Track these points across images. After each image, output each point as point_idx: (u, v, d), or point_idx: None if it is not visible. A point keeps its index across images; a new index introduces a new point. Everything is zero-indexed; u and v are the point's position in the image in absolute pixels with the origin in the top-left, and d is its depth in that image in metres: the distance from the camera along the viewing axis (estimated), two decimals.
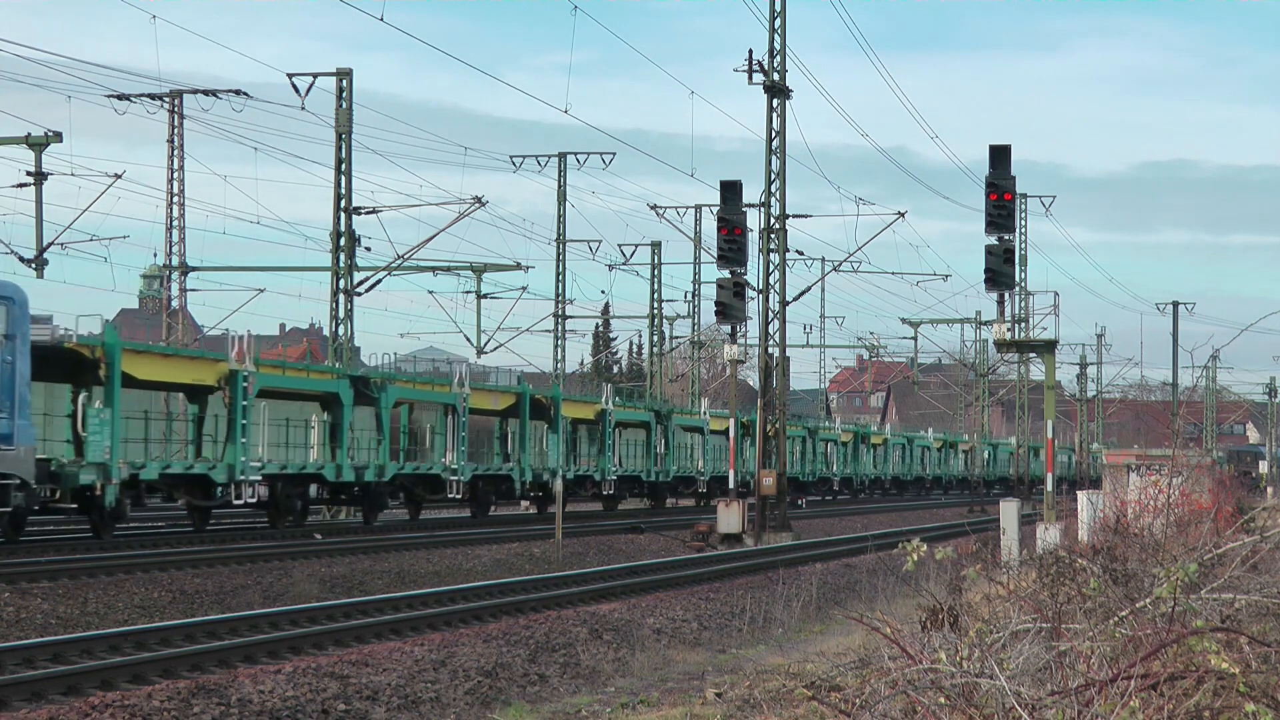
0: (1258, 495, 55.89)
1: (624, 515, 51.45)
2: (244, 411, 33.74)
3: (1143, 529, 17.76)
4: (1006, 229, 34.19)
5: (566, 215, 67.56)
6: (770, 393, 44.97)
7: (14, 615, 21.05)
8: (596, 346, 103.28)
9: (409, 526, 41.51)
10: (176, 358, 35.27)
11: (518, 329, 63.79)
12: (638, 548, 38.68)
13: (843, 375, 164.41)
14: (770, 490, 42.90)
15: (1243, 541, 12.58)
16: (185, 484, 33.50)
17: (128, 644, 17.94)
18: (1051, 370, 37.09)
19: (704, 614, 23.75)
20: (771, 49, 43.19)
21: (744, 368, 73.12)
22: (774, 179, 44.27)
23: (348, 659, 17.18)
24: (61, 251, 46.33)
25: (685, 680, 16.46)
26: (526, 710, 14.99)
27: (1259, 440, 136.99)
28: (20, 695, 14.66)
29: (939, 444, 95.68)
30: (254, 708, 14.50)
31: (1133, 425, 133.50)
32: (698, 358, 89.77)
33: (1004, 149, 34.49)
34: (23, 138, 41.23)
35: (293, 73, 46.71)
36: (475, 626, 20.87)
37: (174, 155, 55.77)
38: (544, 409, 48.94)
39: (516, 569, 31.56)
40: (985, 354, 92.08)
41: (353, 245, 48.43)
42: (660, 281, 75.71)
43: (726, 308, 41.81)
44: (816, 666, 14.65)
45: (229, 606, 23.38)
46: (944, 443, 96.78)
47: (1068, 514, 34.20)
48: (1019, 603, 11.15)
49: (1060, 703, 8.15)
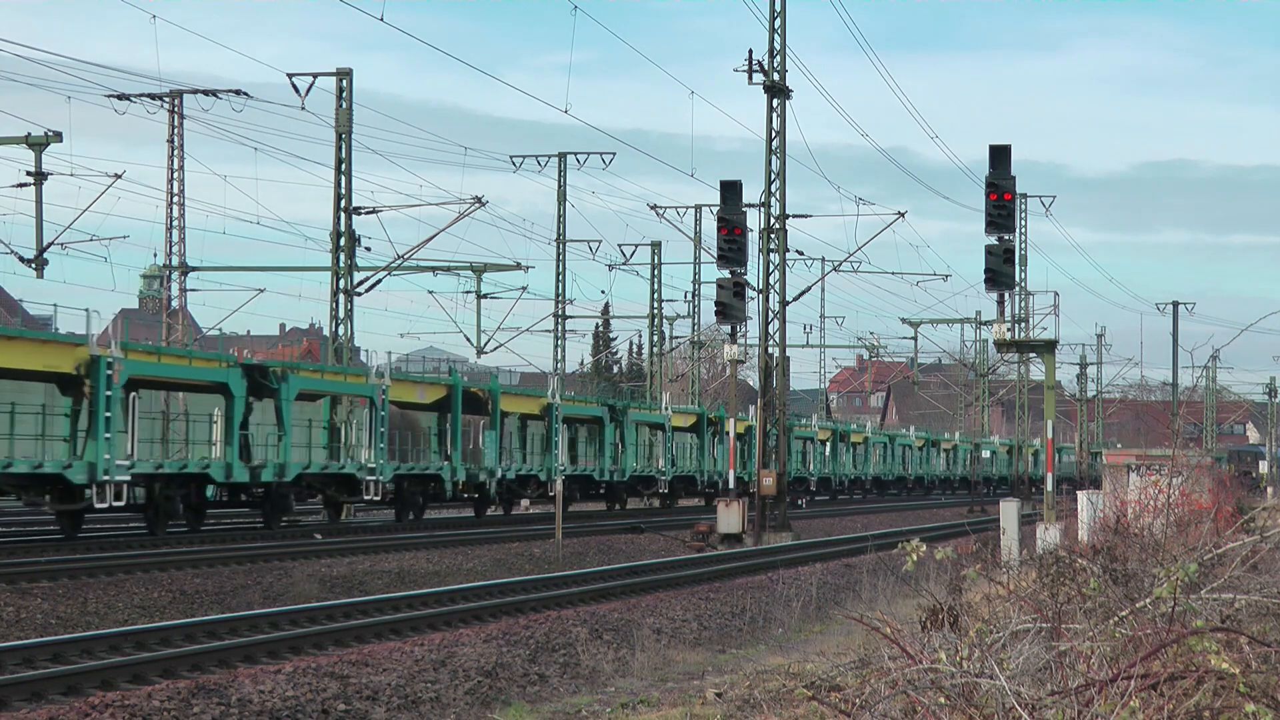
0: (1258, 495, 55.91)
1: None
2: (108, 403, 30.30)
3: (1143, 529, 17.75)
4: (1006, 229, 34.19)
5: (566, 215, 67.60)
6: (770, 393, 44.97)
7: (14, 615, 21.05)
8: (596, 346, 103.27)
9: (409, 527, 41.49)
10: (22, 340, 30.87)
11: (518, 329, 63.77)
12: (638, 548, 38.69)
13: (843, 375, 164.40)
14: (770, 490, 42.89)
15: (1243, 541, 12.58)
16: (35, 485, 30.31)
17: (128, 644, 17.94)
18: (1051, 370, 37.09)
19: (704, 614, 23.75)
20: (771, 49, 43.20)
21: (744, 368, 73.14)
22: (774, 179, 44.28)
23: (348, 659, 17.18)
24: (61, 251, 46.40)
25: (685, 680, 16.45)
26: (526, 710, 14.98)
27: (1259, 440, 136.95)
28: (20, 695, 14.67)
29: (921, 443, 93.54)
30: (254, 708, 14.50)
31: (1133, 425, 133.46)
32: (698, 358, 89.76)
33: (1004, 149, 34.49)
34: (23, 138, 41.23)
35: (293, 73, 46.75)
36: (475, 626, 20.86)
37: (174, 155, 55.78)
38: (480, 403, 45.81)
39: (516, 569, 31.56)
40: (985, 354, 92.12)
41: (353, 245, 48.42)
42: (660, 281, 75.76)
43: (726, 308, 41.80)
44: (816, 666, 14.65)
45: (229, 606, 23.38)
46: (926, 441, 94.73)
47: (1068, 514, 34.19)
48: (1019, 603, 11.15)
49: (1060, 703, 8.14)
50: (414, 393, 43.53)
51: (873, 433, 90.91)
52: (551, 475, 47.32)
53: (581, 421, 53.54)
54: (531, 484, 49.18)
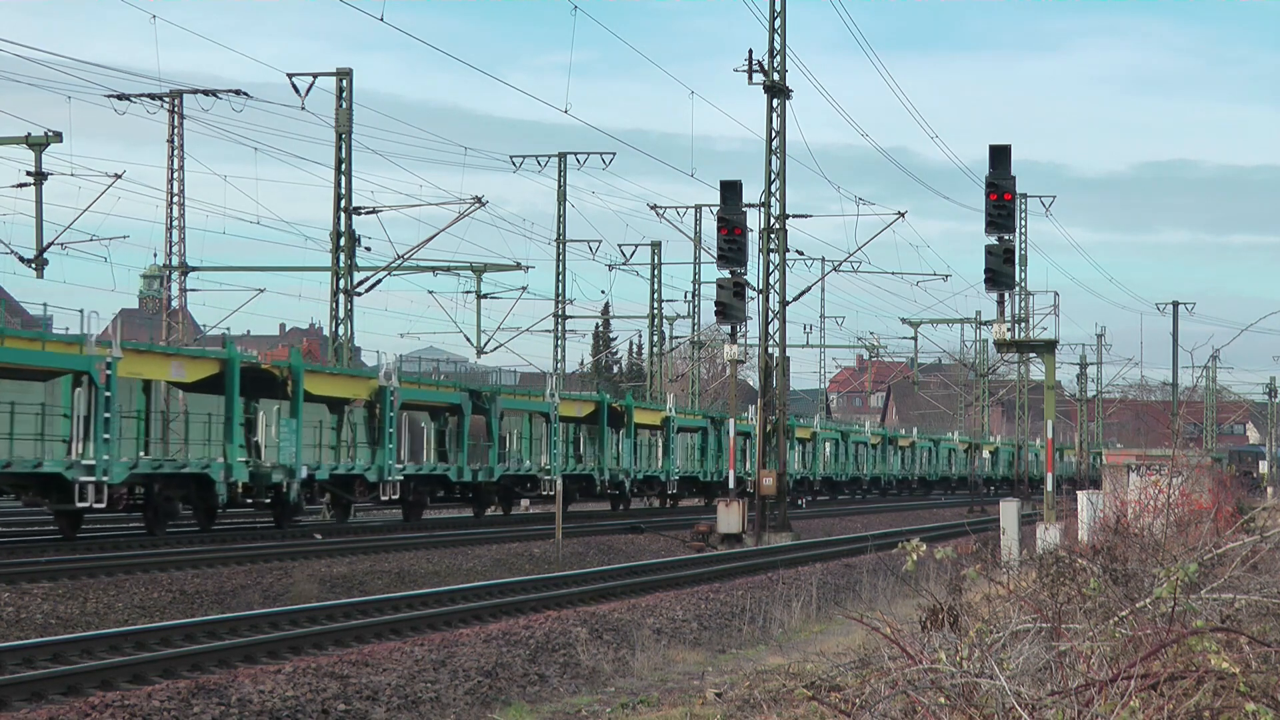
0: (1258, 495, 55.95)
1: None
2: None
3: (1143, 529, 17.75)
4: (1006, 229, 34.19)
5: (566, 215, 67.66)
6: (770, 393, 44.96)
7: (14, 615, 21.05)
8: (596, 346, 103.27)
9: (410, 527, 41.46)
10: None
11: (518, 329, 63.76)
12: (638, 548, 38.70)
13: (843, 375, 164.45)
14: (770, 490, 42.90)
15: (1243, 541, 12.58)
16: None
17: (128, 644, 17.94)
18: (1051, 370, 37.09)
19: (704, 614, 23.74)
20: (771, 49, 43.19)
21: (744, 368, 73.11)
22: (774, 179, 44.27)
23: (348, 659, 17.17)
24: (61, 251, 46.43)
25: (685, 680, 16.44)
26: (526, 710, 14.98)
27: (1259, 440, 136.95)
28: (20, 695, 14.67)
29: (877, 440, 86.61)
30: (254, 708, 14.50)
31: (1133, 425, 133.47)
32: (698, 358, 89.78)
33: (1004, 149, 34.49)
34: (23, 138, 41.24)
35: (293, 73, 46.81)
36: (475, 626, 20.86)
37: (174, 155, 55.81)
38: (276, 385, 36.43)
39: (516, 569, 31.56)
40: (985, 354, 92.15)
41: (353, 245, 48.44)
42: (660, 281, 75.78)
43: (726, 308, 41.80)
44: (816, 666, 14.64)
45: (229, 606, 23.38)
46: (883, 439, 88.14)
47: (1068, 514, 34.19)
48: (1019, 603, 11.15)
49: (1060, 703, 8.14)
50: (157, 367, 33.26)
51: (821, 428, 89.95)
52: (386, 474, 39.32)
53: (433, 409, 44.24)
54: (357, 484, 39.70)
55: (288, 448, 35.90)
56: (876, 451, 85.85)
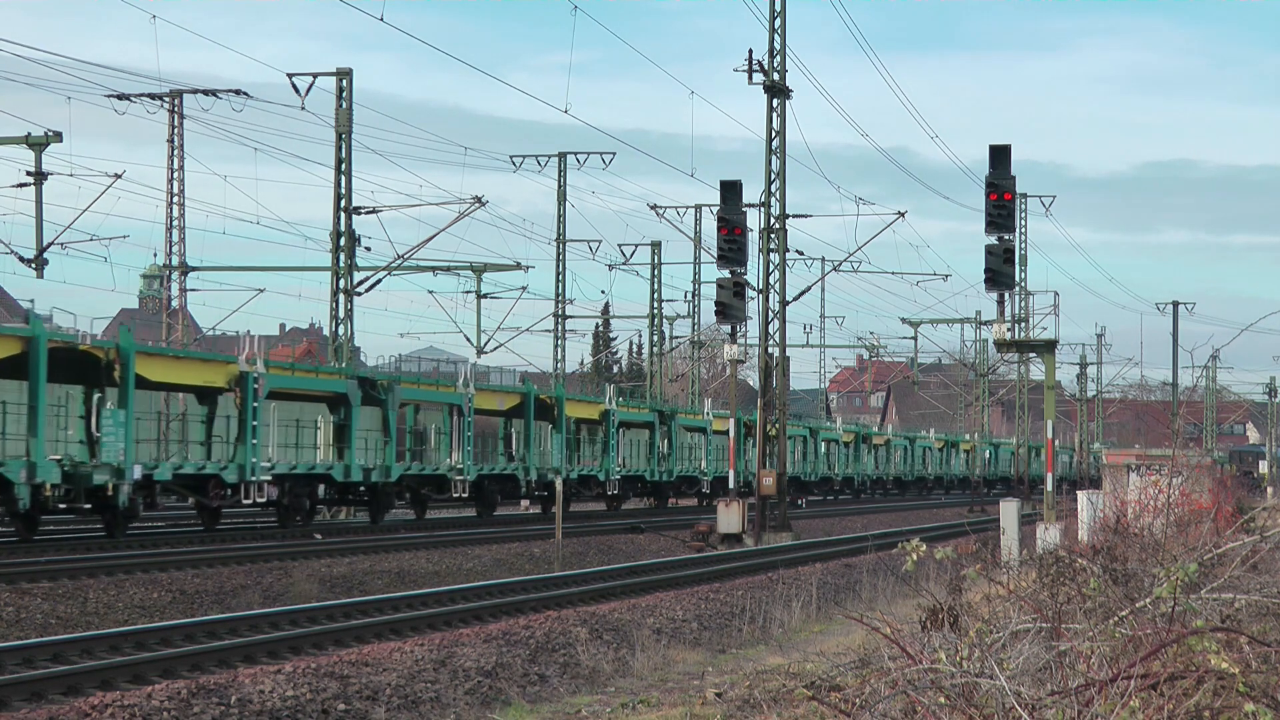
0: (1258, 495, 55.96)
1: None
2: None
3: (1143, 529, 17.76)
4: (1006, 229, 34.21)
5: (566, 215, 67.63)
6: (770, 392, 44.97)
7: (14, 615, 21.06)
8: (596, 346, 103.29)
9: (410, 526, 41.47)
10: None
11: (518, 329, 63.78)
12: (638, 548, 38.71)
13: (843, 375, 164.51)
14: (770, 490, 42.91)
15: (1243, 541, 12.58)
16: None
17: (128, 644, 17.94)
18: (1051, 370, 37.10)
19: (704, 614, 23.74)
20: (771, 49, 43.20)
21: (744, 368, 73.14)
22: (774, 179, 44.28)
23: (348, 659, 17.17)
24: (61, 251, 46.41)
25: (685, 680, 16.44)
26: (526, 710, 14.98)
27: (1259, 440, 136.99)
28: (20, 695, 14.67)
29: (849, 437, 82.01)
30: (254, 708, 14.50)
31: (1133, 425, 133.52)
32: (698, 358, 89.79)
33: (1004, 149, 34.51)
34: (23, 138, 41.26)
35: (293, 73, 46.83)
36: (475, 626, 20.86)
37: (174, 155, 55.80)
38: (101, 369, 30.95)
39: (516, 569, 31.57)
40: (985, 354, 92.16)
41: (353, 245, 48.46)
42: (660, 281, 75.80)
43: (726, 308, 41.81)
44: (816, 666, 14.65)
45: (229, 606, 23.39)
46: (856, 436, 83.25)
47: (1068, 514, 34.21)
48: (1019, 603, 11.15)
49: (1060, 703, 8.14)
50: None
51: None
52: (250, 475, 34.48)
53: (308, 399, 40.56)
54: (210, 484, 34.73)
55: (113, 443, 29.88)
56: (849, 450, 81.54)
